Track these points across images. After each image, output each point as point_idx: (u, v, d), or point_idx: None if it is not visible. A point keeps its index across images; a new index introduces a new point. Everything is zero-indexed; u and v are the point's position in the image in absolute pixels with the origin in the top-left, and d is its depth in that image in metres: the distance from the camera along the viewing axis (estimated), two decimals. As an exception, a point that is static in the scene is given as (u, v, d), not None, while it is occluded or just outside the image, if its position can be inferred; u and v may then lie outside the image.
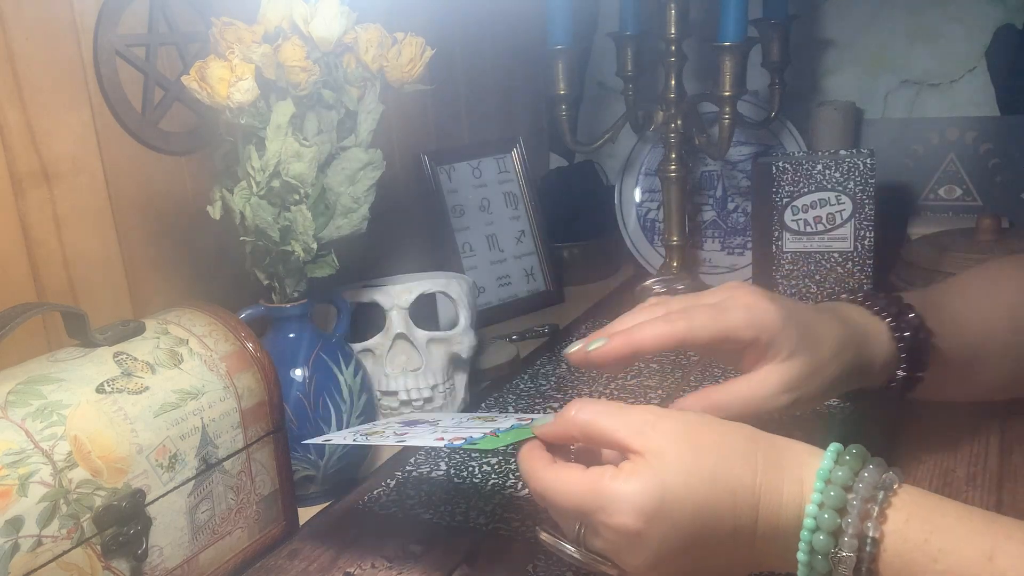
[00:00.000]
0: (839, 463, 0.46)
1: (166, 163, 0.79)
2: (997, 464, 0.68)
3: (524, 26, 1.31)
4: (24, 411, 0.50)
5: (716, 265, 1.20)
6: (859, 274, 1.02)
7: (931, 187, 1.29)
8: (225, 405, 0.59)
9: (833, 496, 0.44)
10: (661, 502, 0.45)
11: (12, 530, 0.46)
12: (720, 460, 0.46)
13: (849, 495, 0.44)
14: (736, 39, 0.96)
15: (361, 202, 0.69)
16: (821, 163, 1.01)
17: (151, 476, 0.53)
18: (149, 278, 0.78)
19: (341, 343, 0.73)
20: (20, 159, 0.67)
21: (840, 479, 0.45)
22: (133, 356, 0.57)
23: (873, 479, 0.45)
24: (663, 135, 1.08)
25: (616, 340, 0.54)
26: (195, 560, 0.57)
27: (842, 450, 0.47)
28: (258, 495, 0.63)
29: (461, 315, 0.83)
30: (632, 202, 1.24)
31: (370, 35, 0.67)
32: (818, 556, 0.44)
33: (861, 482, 0.45)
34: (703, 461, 0.46)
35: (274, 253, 0.67)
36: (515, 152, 1.20)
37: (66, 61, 0.70)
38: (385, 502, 0.70)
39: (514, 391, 0.89)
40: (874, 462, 0.46)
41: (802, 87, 1.31)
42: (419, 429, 0.60)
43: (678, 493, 0.45)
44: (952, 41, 1.24)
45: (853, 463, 0.46)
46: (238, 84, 0.61)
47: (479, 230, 1.14)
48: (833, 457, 0.46)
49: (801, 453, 0.47)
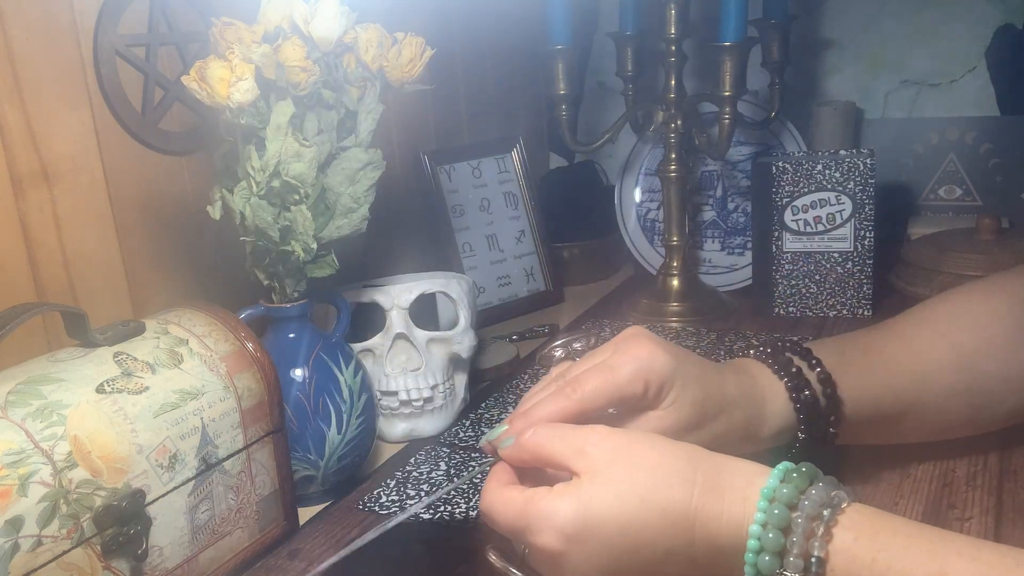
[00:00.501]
0: (786, 481, 0.45)
1: (166, 163, 0.79)
2: (997, 464, 0.68)
3: (524, 26, 1.31)
4: (24, 411, 0.50)
5: (716, 265, 1.20)
6: (859, 274, 1.02)
7: (931, 187, 1.29)
8: (225, 405, 0.59)
9: (777, 515, 0.43)
10: (584, 522, 0.45)
11: (12, 530, 0.46)
12: (655, 480, 0.46)
13: (794, 514, 0.44)
14: (736, 39, 0.96)
15: (361, 202, 0.69)
16: (821, 163, 1.01)
17: (151, 476, 0.53)
18: (149, 278, 0.78)
19: (341, 343, 0.73)
20: (20, 159, 0.67)
21: (785, 497, 0.44)
22: (133, 356, 0.57)
23: (820, 497, 0.44)
24: (663, 135, 1.08)
25: (515, 426, 0.52)
26: (195, 560, 0.57)
27: (791, 468, 0.46)
28: (258, 495, 0.63)
29: (461, 315, 0.83)
30: (632, 202, 1.24)
31: (370, 35, 0.67)
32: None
33: (807, 500, 0.44)
34: (636, 480, 0.46)
35: (274, 253, 0.67)
36: (515, 152, 1.20)
37: (66, 61, 0.70)
38: (385, 502, 0.70)
39: (514, 391, 0.89)
40: (824, 480, 0.45)
41: (802, 87, 1.31)
42: None
43: (603, 513, 0.45)
44: (952, 41, 1.24)
45: (800, 481, 0.45)
46: (238, 84, 0.61)
47: (479, 230, 1.14)
48: (779, 476, 0.45)
49: (748, 473, 0.47)
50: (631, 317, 1.10)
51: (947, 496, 0.64)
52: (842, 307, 1.04)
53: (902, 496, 0.65)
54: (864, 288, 1.03)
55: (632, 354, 0.54)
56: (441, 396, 0.81)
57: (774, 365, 0.61)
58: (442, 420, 0.82)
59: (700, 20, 1.14)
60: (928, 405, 0.64)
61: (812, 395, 0.60)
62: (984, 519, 0.61)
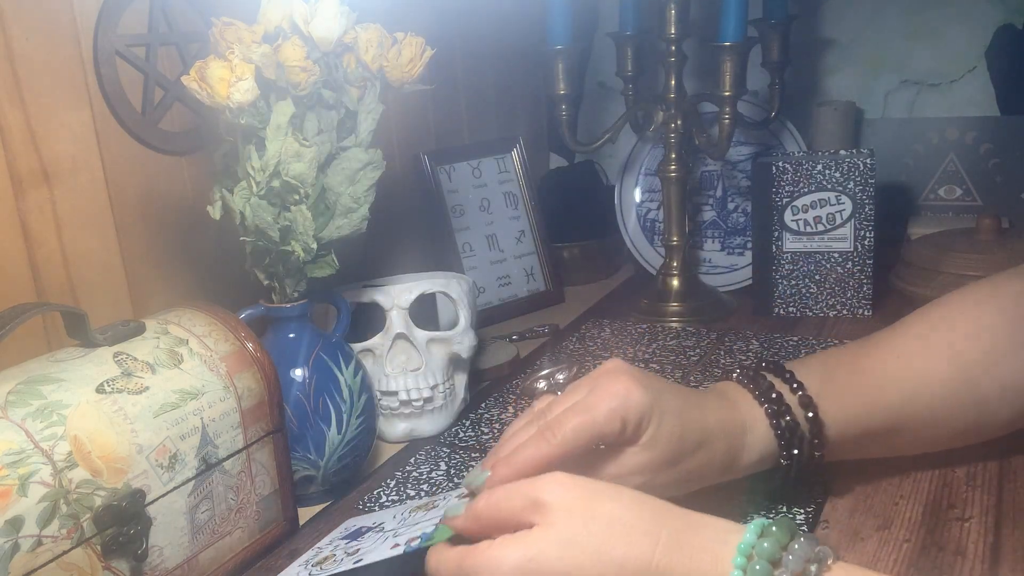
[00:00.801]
0: (764, 536, 0.43)
1: (166, 163, 0.79)
2: (997, 464, 0.68)
3: (524, 26, 1.31)
4: (24, 411, 0.50)
5: (716, 265, 1.20)
6: (859, 274, 1.02)
7: (931, 187, 1.29)
8: (225, 405, 0.59)
9: (759, 570, 0.42)
10: (527, 573, 0.44)
11: (12, 530, 0.46)
12: (613, 533, 0.44)
13: (777, 570, 0.43)
14: (736, 39, 0.96)
15: (361, 202, 0.69)
16: (821, 163, 1.01)
17: (151, 476, 0.53)
18: (149, 278, 0.78)
19: (341, 343, 0.73)
20: (20, 159, 0.67)
21: (766, 552, 0.43)
22: (133, 356, 0.57)
23: (804, 552, 0.43)
24: (663, 135, 1.08)
25: (500, 473, 0.53)
26: (195, 560, 0.57)
27: (767, 523, 0.44)
28: (258, 495, 0.63)
29: (461, 315, 0.83)
30: (632, 202, 1.24)
31: (370, 35, 0.67)
32: None
33: (791, 555, 0.43)
34: (591, 532, 0.44)
35: (274, 253, 0.67)
36: (515, 152, 1.20)
37: (66, 61, 0.70)
38: (385, 502, 0.70)
39: (514, 391, 0.89)
40: (804, 535, 0.44)
41: (802, 87, 1.31)
42: (369, 541, 0.58)
43: (551, 565, 0.44)
44: (952, 41, 1.24)
45: (780, 536, 0.43)
46: (238, 84, 0.61)
47: (479, 230, 1.14)
48: (756, 531, 0.44)
49: (719, 530, 0.45)
50: (631, 317, 1.10)
51: (947, 496, 0.64)
52: (842, 307, 1.04)
53: (902, 496, 0.65)
54: (864, 288, 1.03)
55: (609, 391, 0.54)
56: (441, 396, 0.81)
57: (755, 391, 0.61)
58: (442, 420, 0.82)
59: (700, 20, 1.15)
60: (921, 418, 0.62)
61: (793, 420, 0.60)
62: (984, 519, 0.61)
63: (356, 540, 0.61)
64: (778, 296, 1.06)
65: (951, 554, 0.57)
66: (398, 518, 0.62)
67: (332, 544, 0.63)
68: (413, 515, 0.60)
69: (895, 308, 1.03)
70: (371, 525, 0.63)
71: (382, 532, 0.59)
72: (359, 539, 0.61)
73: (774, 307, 1.06)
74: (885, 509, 0.63)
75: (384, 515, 0.65)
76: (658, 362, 0.94)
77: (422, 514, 0.59)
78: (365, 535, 0.61)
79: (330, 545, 0.63)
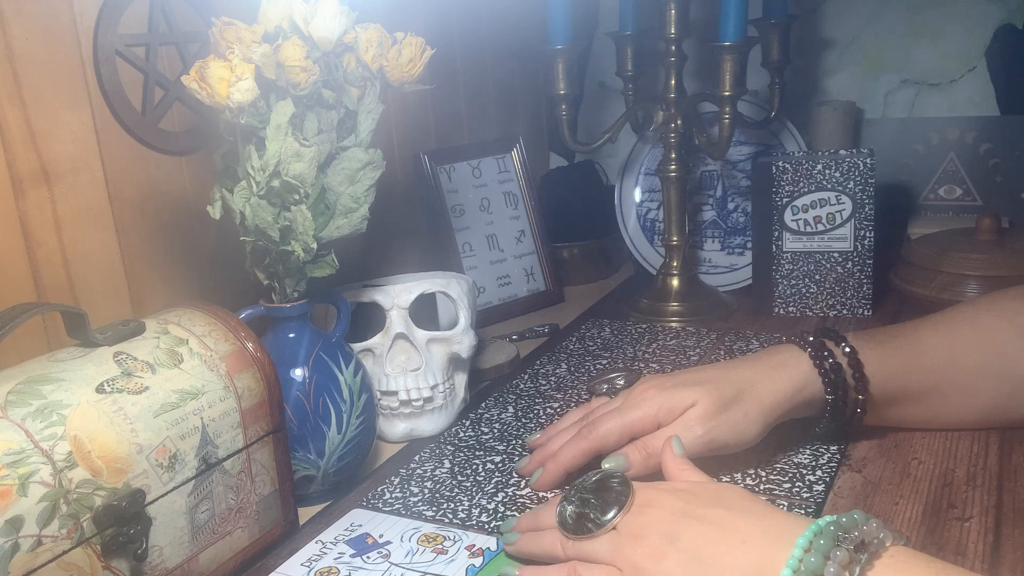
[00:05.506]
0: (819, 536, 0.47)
1: (166, 163, 0.80)
2: (997, 464, 0.68)
3: (524, 26, 1.31)
4: (24, 411, 0.50)
5: (716, 265, 1.20)
6: (859, 274, 1.02)
7: (931, 187, 1.29)
8: (225, 405, 0.59)
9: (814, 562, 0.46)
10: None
11: (12, 530, 0.46)
12: None
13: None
14: (736, 39, 0.96)
15: (361, 202, 0.69)
16: (821, 163, 1.01)
17: (151, 476, 0.53)
18: (149, 278, 0.78)
19: (341, 343, 0.73)
20: (20, 159, 0.67)
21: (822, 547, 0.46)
22: (133, 356, 0.57)
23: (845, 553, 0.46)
24: (663, 135, 1.08)
25: (550, 469, 0.68)
26: (195, 560, 0.57)
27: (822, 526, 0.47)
28: (258, 495, 0.63)
29: (461, 315, 0.83)
30: (632, 202, 1.24)
31: (370, 35, 0.67)
32: None
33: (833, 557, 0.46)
34: None
35: (274, 253, 0.67)
36: (515, 152, 1.20)
37: (66, 61, 0.70)
38: (389, 499, 0.70)
39: (514, 391, 0.89)
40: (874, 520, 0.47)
41: (802, 87, 1.31)
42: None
43: None
44: (952, 41, 1.24)
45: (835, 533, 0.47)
46: (238, 84, 0.61)
47: (479, 230, 1.14)
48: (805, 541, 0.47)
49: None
50: (631, 317, 1.10)
51: (947, 496, 0.64)
52: (842, 307, 1.04)
53: (902, 496, 0.65)
54: (864, 288, 1.03)
55: (641, 398, 0.68)
56: (441, 396, 0.81)
57: (797, 341, 0.69)
58: (442, 420, 0.82)
59: (700, 20, 1.14)
60: (957, 385, 0.68)
61: (835, 362, 0.67)
62: (984, 519, 0.61)
63: (360, 556, 0.62)
64: (778, 296, 1.06)
65: (951, 554, 0.57)
66: (404, 545, 0.63)
67: (336, 545, 0.63)
68: (420, 549, 0.62)
69: (895, 308, 1.03)
70: (377, 538, 0.64)
71: (387, 561, 0.61)
72: (363, 556, 0.62)
73: (774, 307, 1.06)
74: (885, 509, 0.63)
75: (389, 526, 0.66)
76: (658, 362, 0.94)
77: (431, 554, 0.61)
78: (369, 554, 0.62)
79: (334, 547, 0.63)
